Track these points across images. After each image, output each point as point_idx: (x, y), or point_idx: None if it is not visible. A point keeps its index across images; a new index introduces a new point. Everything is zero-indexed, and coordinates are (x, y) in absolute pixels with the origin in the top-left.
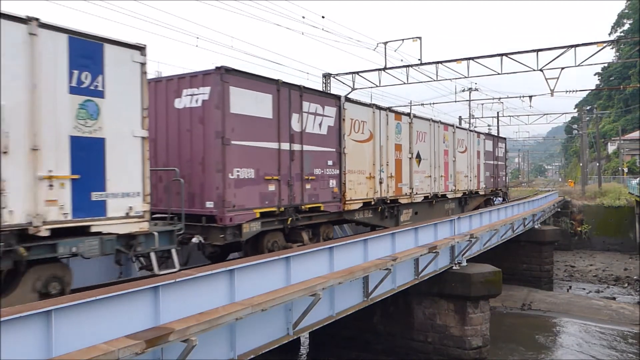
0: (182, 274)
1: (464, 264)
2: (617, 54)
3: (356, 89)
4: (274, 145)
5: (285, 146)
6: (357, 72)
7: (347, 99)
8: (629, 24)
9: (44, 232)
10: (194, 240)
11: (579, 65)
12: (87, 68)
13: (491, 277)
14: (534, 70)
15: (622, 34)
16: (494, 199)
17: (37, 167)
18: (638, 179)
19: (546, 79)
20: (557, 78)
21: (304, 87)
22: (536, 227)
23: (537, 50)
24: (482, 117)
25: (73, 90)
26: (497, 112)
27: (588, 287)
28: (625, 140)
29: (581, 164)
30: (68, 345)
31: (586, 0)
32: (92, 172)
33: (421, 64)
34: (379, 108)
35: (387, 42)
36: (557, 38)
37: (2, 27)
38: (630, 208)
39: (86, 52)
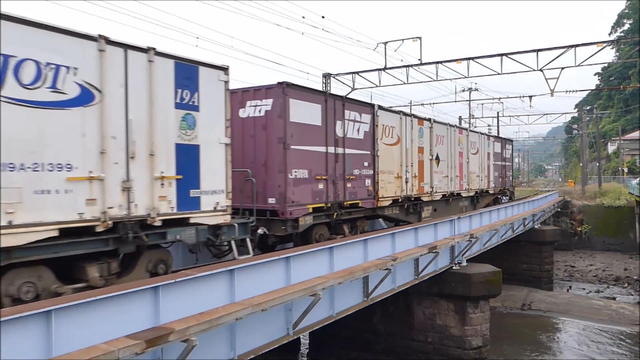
0: (182, 274)
1: (464, 264)
2: (617, 54)
3: (356, 89)
4: (322, 149)
5: (331, 150)
6: (357, 72)
7: (380, 107)
8: (629, 24)
9: (157, 222)
10: (259, 231)
11: (579, 65)
12: (187, 87)
13: (491, 277)
14: (534, 70)
15: (622, 34)
16: (502, 197)
17: (153, 169)
18: (638, 179)
19: (546, 79)
20: (557, 78)
21: (345, 97)
22: (536, 227)
23: (537, 50)
24: (482, 117)
25: (177, 106)
26: (497, 112)
27: (588, 287)
28: (625, 140)
29: (581, 164)
30: (68, 345)
31: (586, 0)
32: (190, 173)
33: (421, 64)
34: (405, 114)
35: (387, 42)
36: (557, 38)
37: (129, 56)
38: (630, 208)
39: (186, 73)
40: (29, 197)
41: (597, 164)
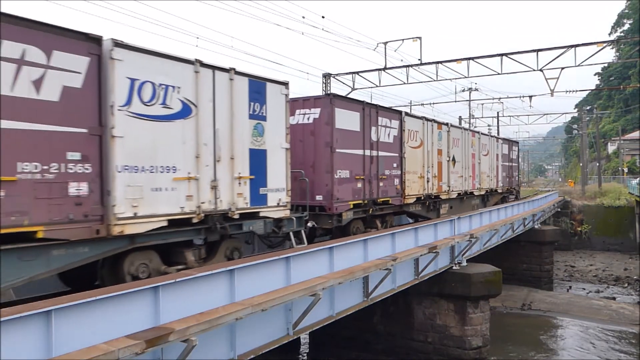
0: (182, 274)
1: (464, 264)
2: (617, 54)
3: (356, 89)
4: (360, 151)
5: (367, 152)
6: (357, 72)
7: (407, 114)
8: (629, 24)
9: (236, 215)
10: (309, 224)
11: (579, 65)
12: (257, 100)
13: (491, 277)
14: (534, 70)
15: (622, 34)
16: (508, 196)
17: (233, 171)
18: (638, 179)
19: (546, 79)
20: (557, 78)
21: (379, 106)
22: (536, 227)
23: (537, 50)
24: (482, 117)
25: (250, 117)
26: (497, 112)
27: (588, 287)
28: (625, 140)
29: (581, 164)
30: (68, 345)
31: (586, 0)
32: (260, 174)
33: (421, 64)
34: (427, 120)
35: (387, 42)
36: (557, 38)
37: (216, 76)
38: (630, 208)
39: (257, 89)
40: (147, 194)
41: (597, 164)
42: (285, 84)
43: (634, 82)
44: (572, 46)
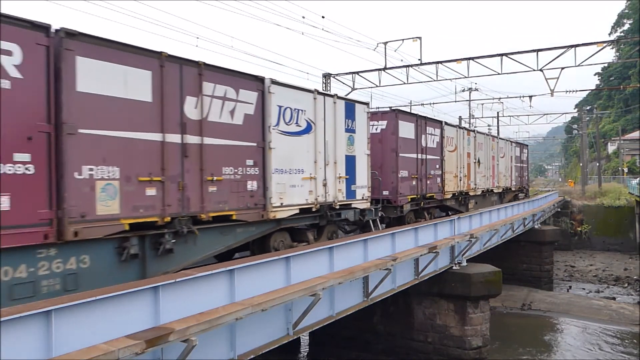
0: (182, 274)
1: (464, 264)
2: (617, 54)
3: (356, 89)
4: (415, 155)
5: (420, 156)
6: (357, 72)
7: (446, 123)
8: (629, 24)
9: (337, 206)
10: (379, 214)
11: (579, 65)
12: (349, 117)
13: (491, 277)
14: (534, 70)
15: (622, 34)
16: (519, 194)
17: (336, 172)
18: (638, 179)
19: (546, 79)
20: (557, 78)
21: (427, 117)
22: (536, 227)
23: (537, 50)
24: (482, 117)
25: (346, 130)
26: (497, 112)
27: (588, 287)
28: (625, 140)
29: (581, 164)
30: (68, 345)
31: (586, 0)
32: (351, 174)
33: (421, 64)
34: (460, 127)
35: (387, 42)
36: (557, 38)
37: (326, 100)
38: (630, 208)
39: (349, 108)
40: (287, 189)
41: (597, 164)
42: (366, 104)
43: (634, 82)
44: (572, 46)
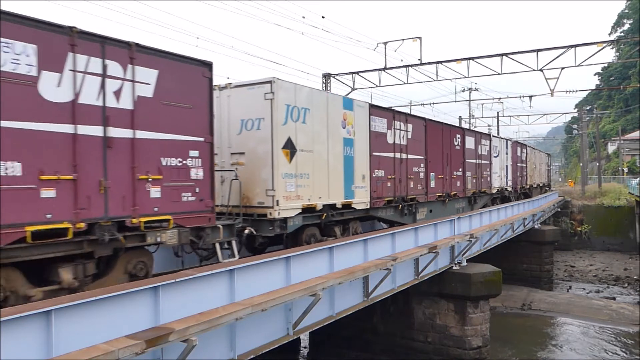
0: (182, 274)
1: (464, 264)
2: (617, 54)
3: (356, 89)
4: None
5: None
6: (357, 72)
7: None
8: (629, 24)
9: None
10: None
11: (579, 65)
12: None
13: (491, 277)
14: (534, 70)
15: (622, 34)
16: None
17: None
18: (638, 179)
19: (546, 79)
20: (557, 78)
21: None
22: (536, 227)
23: (537, 50)
24: (482, 117)
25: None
26: (497, 112)
27: (588, 287)
28: (625, 140)
29: (581, 164)
30: (68, 345)
31: (586, 0)
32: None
33: (421, 64)
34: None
35: (387, 42)
36: (557, 38)
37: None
38: (630, 208)
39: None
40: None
41: (597, 164)
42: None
43: (634, 82)
44: (572, 46)
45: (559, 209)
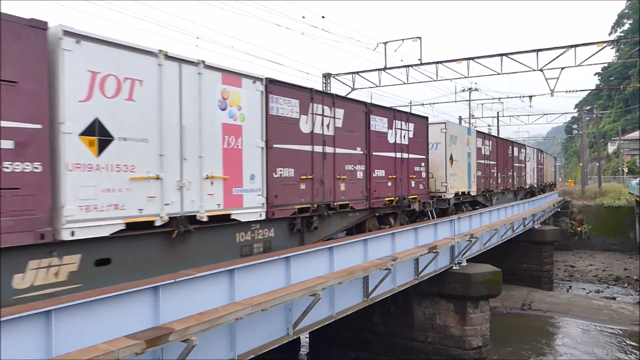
0: (181, 274)
1: (464, 264)
2: (617, 54)
3: (356, 89)
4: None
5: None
6: (357, 72)
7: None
8: (629, 24)
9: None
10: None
11: (579, 65)
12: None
13: (491, 277)
14: (534, 70)
15: (622, 34)
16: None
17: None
18: (638, 179)
19: (546, 79)
20: (557, 78)
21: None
22: (536, 227)
23: (537, 50)
24: (482, 117)
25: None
26: (497, 112)
27: (588, 287)
28: (625, 140)
29: (581, 164)
30: (68, 345)
31: (586, 0)
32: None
33: (421, 64)
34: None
35: (387, 42)
36: (557, 38)
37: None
38: (630, 208)
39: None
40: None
41: (597, 164)
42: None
43: (634, 82)
44: (572, 46)
45: (559, 209)
